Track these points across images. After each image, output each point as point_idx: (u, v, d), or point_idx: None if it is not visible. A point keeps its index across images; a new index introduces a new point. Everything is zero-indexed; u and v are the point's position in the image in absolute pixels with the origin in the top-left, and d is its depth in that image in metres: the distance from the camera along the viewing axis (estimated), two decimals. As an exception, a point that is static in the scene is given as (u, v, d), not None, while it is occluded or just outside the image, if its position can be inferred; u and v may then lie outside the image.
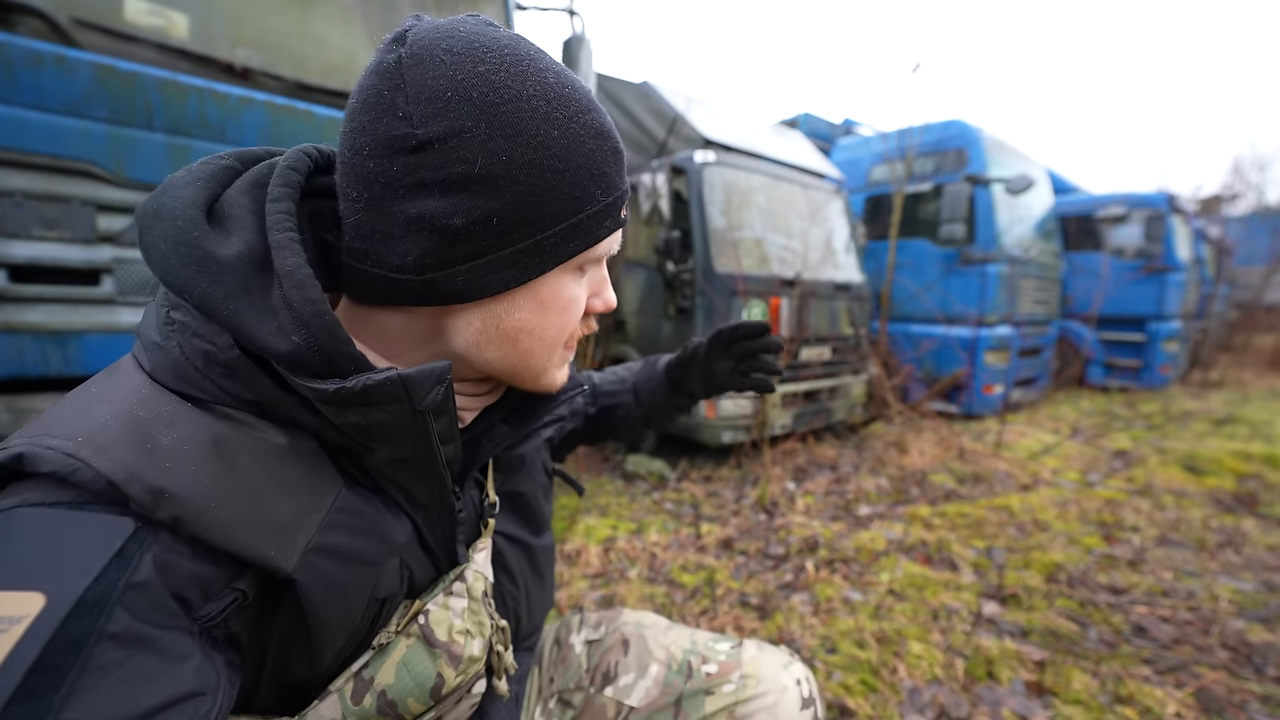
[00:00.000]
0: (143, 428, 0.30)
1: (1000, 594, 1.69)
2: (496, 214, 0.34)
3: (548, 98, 0.35)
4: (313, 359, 0.32)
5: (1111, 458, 3.15)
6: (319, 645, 0.36)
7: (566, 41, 1.98)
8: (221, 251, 0.33)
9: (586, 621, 0.68)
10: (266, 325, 0.32)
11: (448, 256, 0.35)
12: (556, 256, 0.37)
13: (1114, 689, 1.28)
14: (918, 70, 3.70)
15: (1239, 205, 11.37)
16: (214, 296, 0.32)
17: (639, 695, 0.60)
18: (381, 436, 0.35)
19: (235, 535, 0.30)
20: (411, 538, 0.41)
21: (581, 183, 0.36)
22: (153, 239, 0.33)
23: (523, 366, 0.41)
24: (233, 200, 0.36)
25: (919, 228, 4.24)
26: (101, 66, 1.11)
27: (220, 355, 0.32)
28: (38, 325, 1.10)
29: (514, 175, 0.34)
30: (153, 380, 0.33)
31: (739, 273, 2.78)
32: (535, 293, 0.38)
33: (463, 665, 0.42)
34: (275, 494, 0.33)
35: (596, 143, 0.37)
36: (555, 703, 0.63)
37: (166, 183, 0.35)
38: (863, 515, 2.33)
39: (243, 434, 0.33)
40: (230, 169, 0.37)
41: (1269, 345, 7.12)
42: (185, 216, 0.33)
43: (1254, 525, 2.19)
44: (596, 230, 0.38)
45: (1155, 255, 5.05)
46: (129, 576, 0.27)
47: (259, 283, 0.33)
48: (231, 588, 0.31)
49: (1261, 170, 11.76)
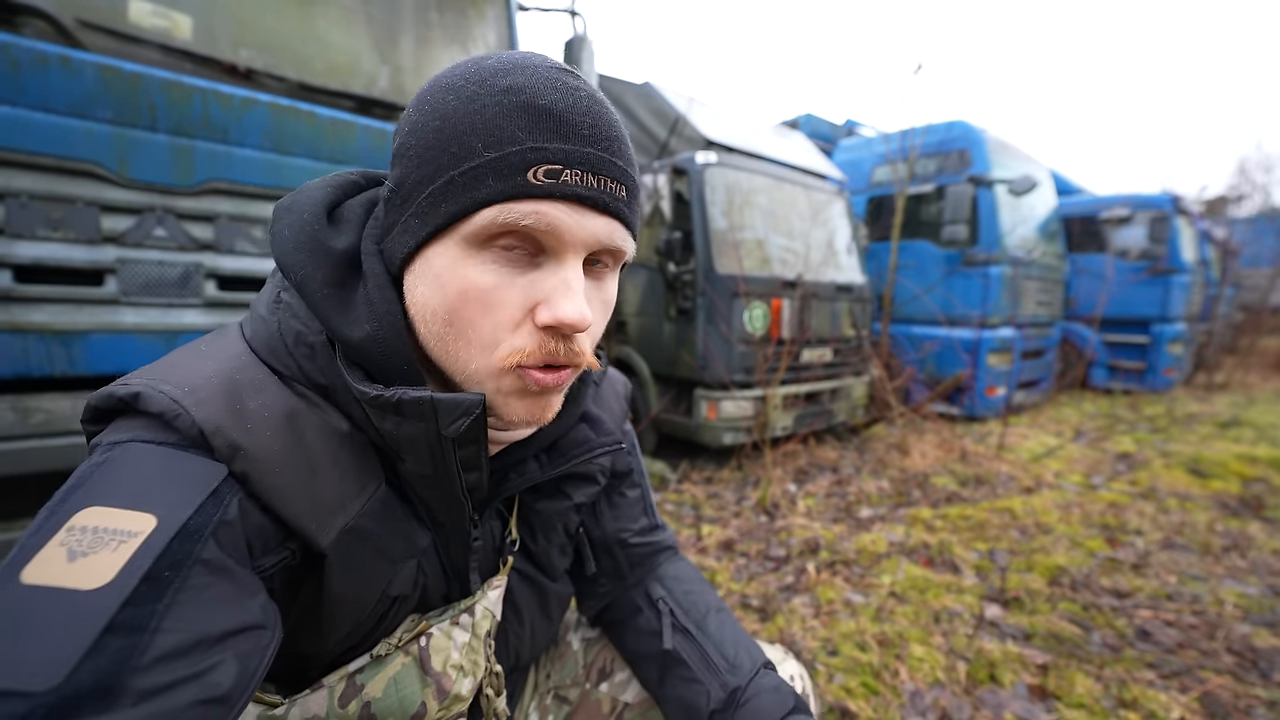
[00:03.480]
0: (236, 389, 0.34)
1: (1002, 597, 1.68)
2: (399, 180, 0.37)
3: (466, 75, 0.35)
4: (374, 350, 0.36)
5: (1115, 460, 3.13)
6: (329, 624, 0.38)
7: (568, 42, 1.98)
8: (332, 244, 0.38)
9: (583, 621, 0.68)
10: (347, 314, 0.37)
11: (386, 225, 0.39)
12: (433, 219, 0.35)
13: (1118, 693, 1.27)
14: (920, 71, 3.69)
15: (1244, 206, 11.32)
16: (313, 279, 0.37)
17: (634, 692, 0.60)
18: (409, 448, 0.38)
19: (288, 502, 0.34)
20: (431, 547, 0.43)
21: (460, 138, 0.33)
22: (280, 227, 0.39)
23: (448, 362, 0.38)
24: (350, 208, 0.41)
25: (921, 229, 4.23)
26: (106, 68, 1.11)
27: (309, 337, 0.37)
28: (42, 325, 1.11)
29: (408, 142, 0.36)
30: (250, 349, 0.38)
31: (740, 274, 2.78)
32: (429, 265, 0.36)
33: (448, 701, 0.42)
34: (329, 472, 0.36)
35: (495, 98, 0.33)
36: (551, 699, 0.63)
37: (305, 185, 0.41)
38: (864, 517, 2.32)
39: (314, 412, 0.37)
40: (355, 183, 0.43)
41: (1274, 348, 7.08)
42: (311, 211, 0.39)
43: (1259, 529, 2.17)
44: (474, 189, 0.33)
45: (1159, 257, 5.03)
46: (221, 514, 0.31)
47: (351, 279, 0.38)
48: (285, 546, 0.35)
49: (1267, 171, 11.71)
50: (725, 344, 2.76)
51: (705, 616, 0.57)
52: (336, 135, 1.40)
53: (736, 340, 2.76)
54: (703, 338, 2.80)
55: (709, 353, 2.79)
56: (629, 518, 0.61)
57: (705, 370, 2.80)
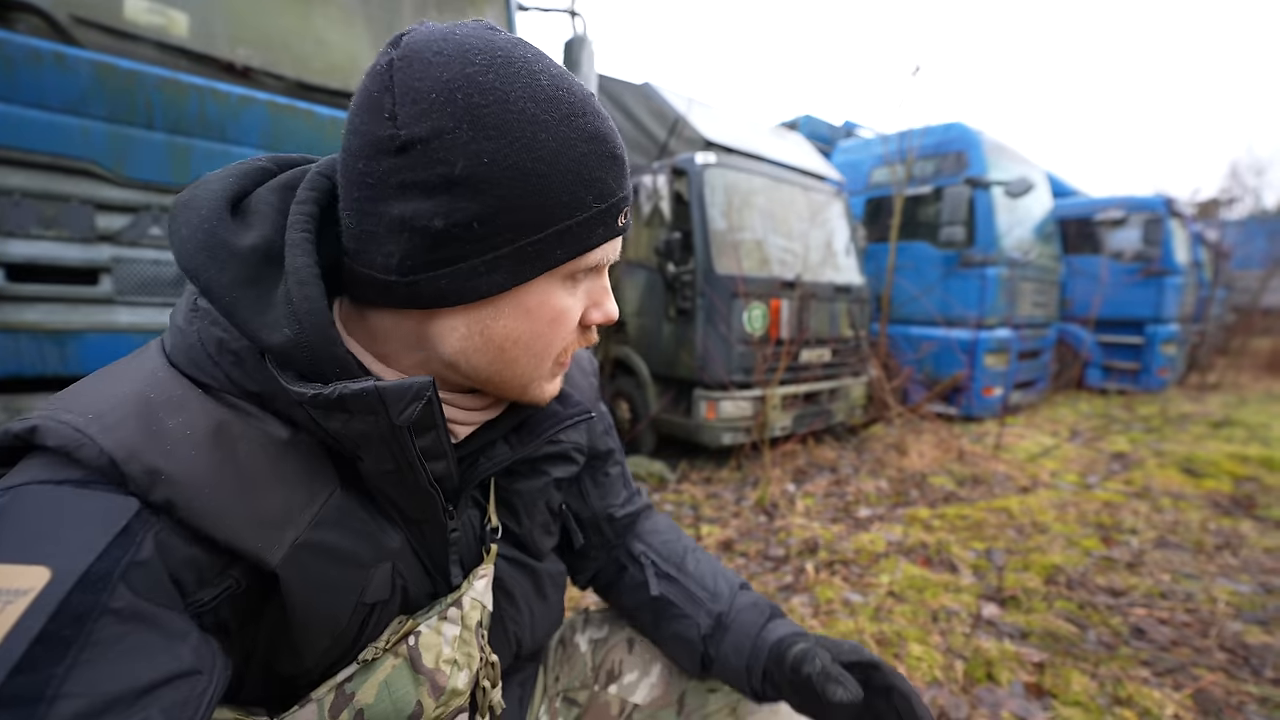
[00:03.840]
0: (151, 409, 0.31)
1: (999, 596, 1.69)
2: (477, 217, 0.33)
3: (537, 99, 0.34)
4: (300, 355, 0.33)
5: (1110, 460, 3.15)
6: (302, 642, 0.36)
7: (568, 42, 1.98)
8: (235, 241, 0.34)
9: (591, 621, 0.68)
10: (263, 317, 0.33)
11: (430, 259, 0.34)
12: (542, 263, 0.36)
13: (1113, 690, 1.28)
14: (918, 73, 3.71)
15: (1236, 209, 11.43)
16: (218, 282, 0.33)
17: (643, 693, 0.60)
18: (364, 445, 0.35)
19: (224, 524, 0.31)
20: (405, 546, 0.41)
21: (570, 188, 0.35)
22: (177, 225, 0.35)
23: (509, 376, 0.40)
24: (260, 198, 0.37)
25: (919, 230, 4.25)
26: (101, 65, 1.10)
27: (232, 343, 0.34)
28: (35, 324, 1.10)
29: (496, 178, 0.33)
30: (170, 364, 0.35)
31: (739, 274, 2.78)
32: (521, 301, 0.37)
33: (444, 697, 0.41)
34: (270, 486, 0.33)
35: (589, 146, 0.35)
36: (561, 701, 0.63)
37: (204, 178, 0.37)
38: (862, 517, 2.33)
39: (246, 424, 0.34)
40: (264, 169, 0.39)
41: (1266, 348, 7.15)
42: (209, 206, 0.35)
43: (1251, 528, 2.19)
44: (587, 237, 0.37)
45: (1153, 258, 5.07)
46: (132, 555, 0.28)
47: (267, 275, 0.34)
48: (226, 574, 0.32)
49: (1259, 174, 11.84)
50: (724, 344, 2.76)
51: (683, 558, 0.63)
52: (335, 134, 1.39)
53: (735, 340, 2.77)
54: (702, 338, 2.81)
55: (708, 353, 2.79)
56: (613, 494, 0.64)
57: (704, 370, 2.80)
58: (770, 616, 0.56)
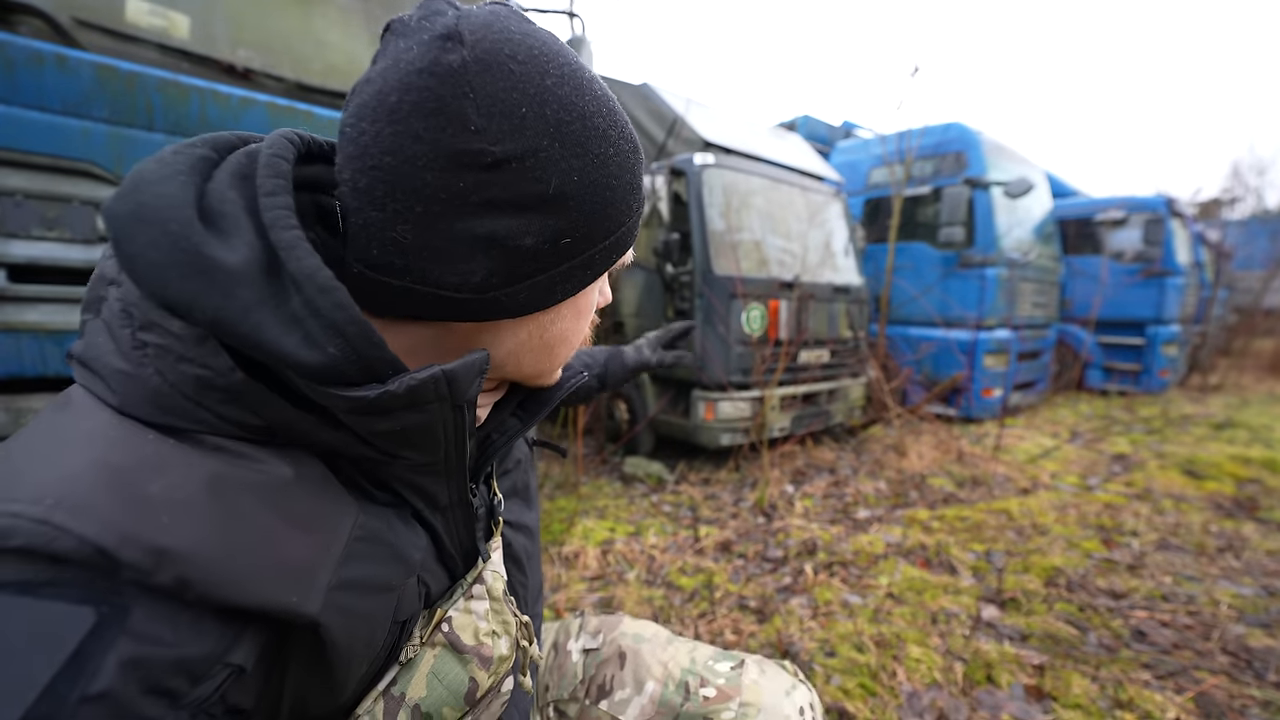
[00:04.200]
0: (124, 477, 0.25)
1: (999, 598, 1.69)
2: (566, 233, 0.34)
3: (604, 114, 0.35)
4: (351, 370, 0.29)
5: (1110, 462, 3.15)
6: (343, 680, 0.33)
7: (567, 43, 1.99)
8: (228, 258, 0.28)
9: (586, 627, 0.68)
10: (292, 337, 0.28)
11: (514, 274, 0.34)
12: (603, 268, 0.39)
13: (1114, 693, 1.27)
14: (917, 73, 3.71)
15: (1238, 209, 11.41)
16: (229, 311, 0.28)
17: (634, 712, 0.59)
18: (414, 441, 0.33)
19: (251, 588, 0.27)
20: (428, 551, 0.40)
21: (626, 197, 0.37)
22: (138, 247, 0.28)
23: (548, 370, 0.43)
24: (220, 196, 0.31)
25: (918, 231, 4.25)
26: (102, 67, 1.11)
27: (218, 380, 0.28)
28: (36, 325, 1.10)
29: (582, 195, 0.34)
30: (122, 416, 0.28)
31: (738, 275, 2.78)
32: (576, 303, 0.40)
33: (494, 666, 0.41)
34: (288, 533, 0.29)
35: (636, 156, 0.38)
36: (552, 711, 0.62)
37: (137, 178, 0.29)
38: (861, 518, 2.32)
39: (242, 469, 0.29)
40: (208, 159, 0.32)
41: (1268, 349, 7.13)
42: (179, 219, 0.28)
43: (1253, 530, 2.19)
44: (630, 238, 0.40)
45: (1154, 259, 5.06)
46: (84, 688, 0.22)
47: (272, 290, 0.29)
48: (224, 663, 0.28)
49: (1260, 174, 11.81)
50: (723, 345, 2.76)
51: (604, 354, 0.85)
52: (334, 135, 1.40)
53: (734, 341, 2.77)
54: (700, 339, 2.81)
55: (706, 354, 2.79)
56: None
57: (703, 371, 2.80)
58: (619, 352, 0.86)
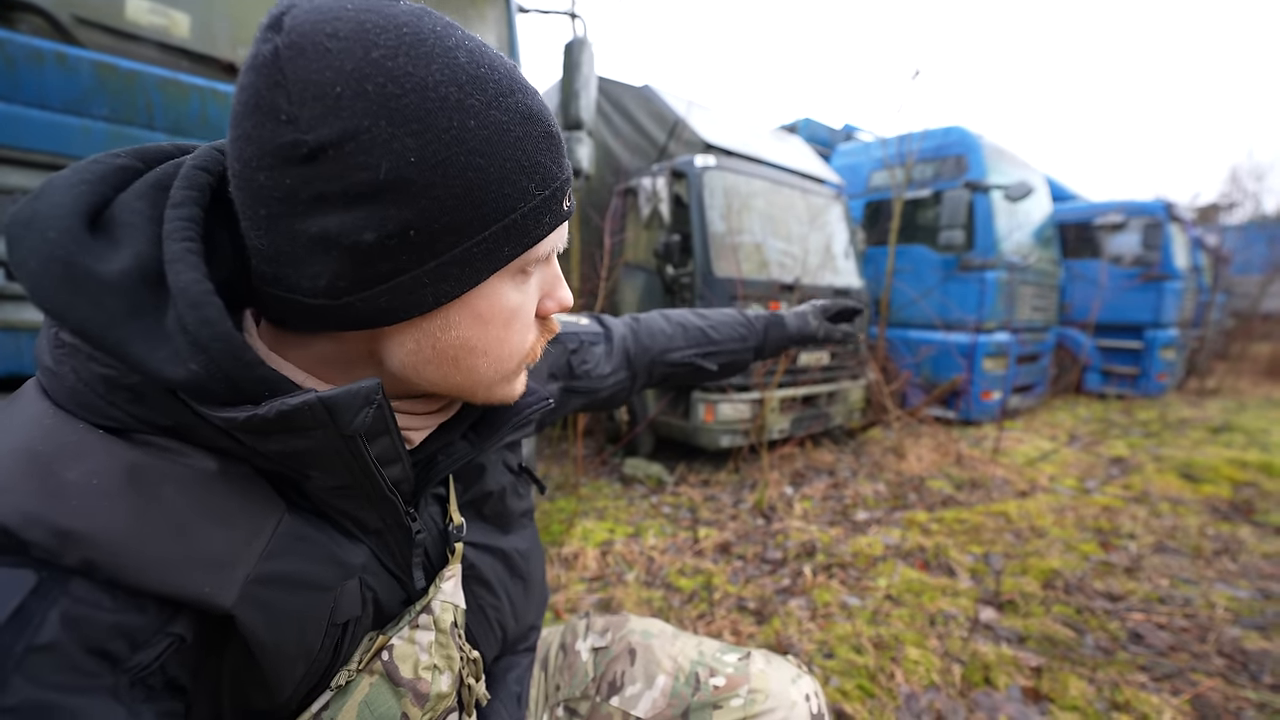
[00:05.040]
0: (42, 463, 0.27)
1: (997, 600, 1.69)
2: (413, 224, 0.29)
3: (459, 82, 0.29)
4: (216, 387, 0.29)
5: (1109, 465, 3.15)
6: (275, 678, 0.33)
7: (568, 44, 1.99)
8: (103, 268, 0.28)
9: (593, 627, 0.68)
10: (160, 351, 0.28)
11: (364, 276, 0.30)
12: (490, 264, 0.33)
13: (1110, 695, 1.27)
14: (918, 76, 3.72)
15: (1236, 214, 11.44)
16: (95, 322, 0.28)
17: (645, 706, 0.59)
18: (312, 463, 0.32)
19: (161, 575, 0.27)
20: (370, 559, 0.39)
21: (510, 178, 0.31)
22: (22, 254, 0.28)
23: (469, 384, 0.37)
24: (126, 205, 0.31)
25: (918, 234, 4.25)
26: (102, 65, 1.11)
27: (123, 380, 0.29)
28: (36, 323, 1.10)
29: (428, 178, 0.29)
30: (56, 407, 0.29)
31: (739, 277, 2.78)
32: (471, 306, 0.34)
33: (430, 703, 0.40)
34: (207, 525, 0.29)
35: (524, 129, 0.32)
36: (562, 710, 0.62)
37: (46, 184, 0.29)
38: (860, 520, 2.32)
39: (165, 461, 0.29)
40: (127, 169, 0.32)
41: (1265, 354, 7.15)
42: (58, 227, 0.28)
43: (1250, 533, 2.19)
44: (534, 229, 0.34)
45: (1153, 263, 5.07)
46: (29, 639, 0.24)
47: (152, 302, 0.29)
48: (165, 633, 0.28)
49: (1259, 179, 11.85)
50: (722, 346, 2.76)
51: (704, 332, 0.79)
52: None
53: (734, 343, 2.77)
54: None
55: (706, 355, 2.79)
56: (595, 365, 0.69)
57: (702, 372, 2.80)
58: (776, 322, 0.83)
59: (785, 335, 0.83)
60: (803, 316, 0.86)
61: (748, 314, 0.83)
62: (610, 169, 3.44)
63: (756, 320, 0.83)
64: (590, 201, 3.51)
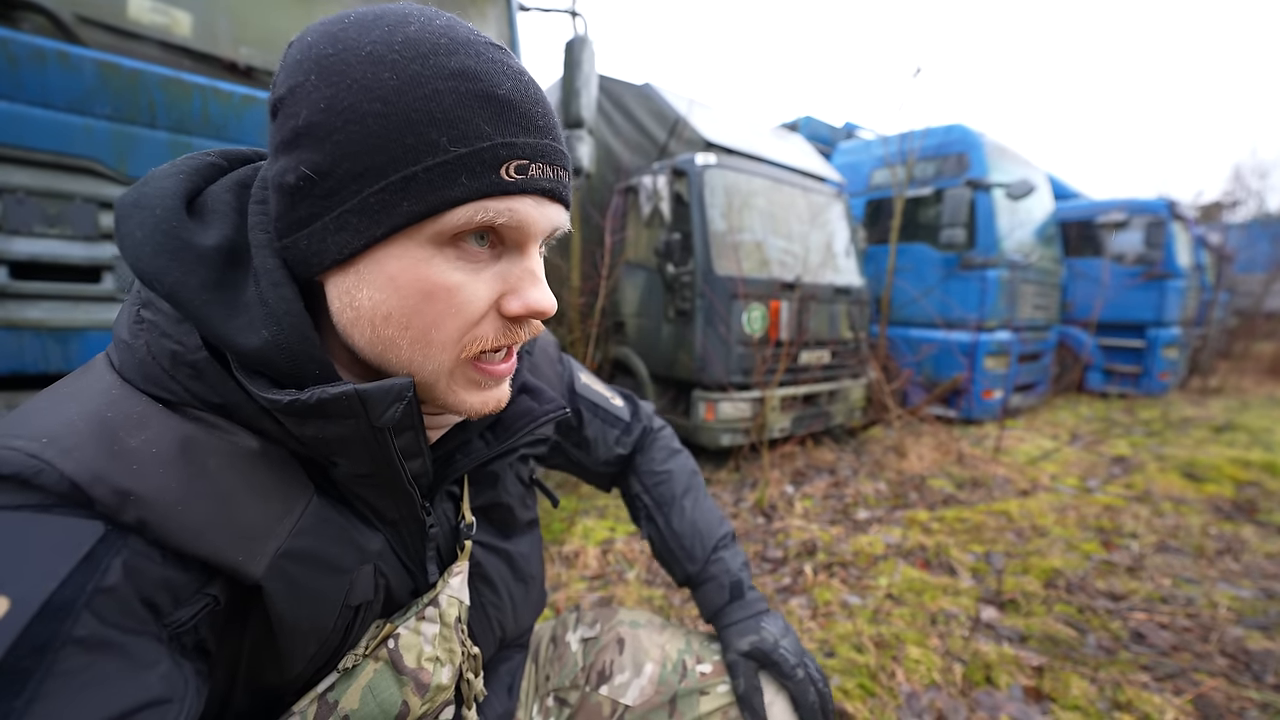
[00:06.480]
0: (110, 429, 0.30)
1: (999, 599, 1.69)
2: (317, 168, 0.31)
3: (391, 43, 0.31)
4: (279, 358, 0.32)
5: (1110, 464, 3.15)
6: (289, 651, 0.35)
7: (569, 43, 1.99)
8: (199, 241, 0.33)
9: (583, 620, 0.68)
10: (237, 319, 0.32)
11: (293, 220, 0.33)
12: (389, 218, 0.31)
13: (1112, 695, 1.27)
14: (919, 74, 3.71)
15: (1239, 212, 11.40)
16: (187, 286, 0.32)
17: (634, 694, 0.60)
18: (341, 450, 0.35)
19: (203, 539, 0.30)
20: (385, 547, 0.41)
21: (415, 128, 0.30)
22: (129, 227, 0.33)
23: (395, 361, 0.35)
24: (216, 196, 0.36)
25: (919, 232, 4.24)
26: (105, 64, 1.11)
27: (187, 355, 0.32)
28: (38, 322, 1.10)
29: (331, 123, 0.30)
30: (123, 380, 0.33)
31: (739, 275, 2.78)
32: (382, 267, 0.33)
33: (430, 694, 0.41)
34: (246, 498, 0.32)
35: (448, 84, 0.31)
36: (552, 700, 0.63)
37: (149, 175, 0.35)
38: (861, 519, 2.32)
39: (213, 437, 0.32)
40: (215, 165, 0.38)
41: (1268, 352, 7.12)
42: (164, 206, 0.33)
43: (1253, 533, 2.19)
44: (445, 188, 0.31)
45: (1155, 261, 5.06)
46: (97, 581, 0.27)
47: (233, 278, 0.33)
48: (203, 593, 0.31)
49: (1262, 177, 11.80)
50: (723, 345, 2.76)
51: (670, 508, 0.69)
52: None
53: (735, 342, 2.77)
54: (701, 339, 2.81)
55: (707, 354, 2.79)
56: (603, 444, 0.68)
57: (703, 371, 2.80)
58: (728, 601, 0.65)
59: (709, 604, 0.66)
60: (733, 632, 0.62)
61: (725, 551, 0.68)
62: (611, 167, 3.44)
63: (716, 564, 0.67)
64: (591, 200, 3.51)
